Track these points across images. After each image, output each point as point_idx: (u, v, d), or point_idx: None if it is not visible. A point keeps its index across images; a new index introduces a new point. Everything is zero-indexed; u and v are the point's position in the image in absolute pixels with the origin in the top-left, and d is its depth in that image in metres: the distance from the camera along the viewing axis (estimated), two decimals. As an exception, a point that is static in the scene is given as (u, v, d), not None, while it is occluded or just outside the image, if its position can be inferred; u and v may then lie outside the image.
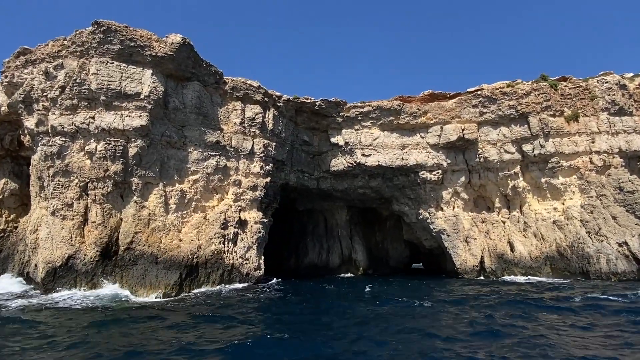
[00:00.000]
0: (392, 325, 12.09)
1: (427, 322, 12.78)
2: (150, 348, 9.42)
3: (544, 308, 14.65)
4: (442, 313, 14.32)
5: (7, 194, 22.15)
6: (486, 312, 13.89)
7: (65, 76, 18.48)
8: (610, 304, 15.05)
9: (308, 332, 11.23)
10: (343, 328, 11.73)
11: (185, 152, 21.38)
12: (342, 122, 30.05)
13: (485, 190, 31.92)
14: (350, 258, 36.30)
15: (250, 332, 11.12)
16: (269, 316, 14.01)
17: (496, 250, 29.27)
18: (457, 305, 15.74)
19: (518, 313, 13.69)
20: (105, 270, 18.28)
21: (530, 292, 19.25)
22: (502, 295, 18.02)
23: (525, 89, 29.86)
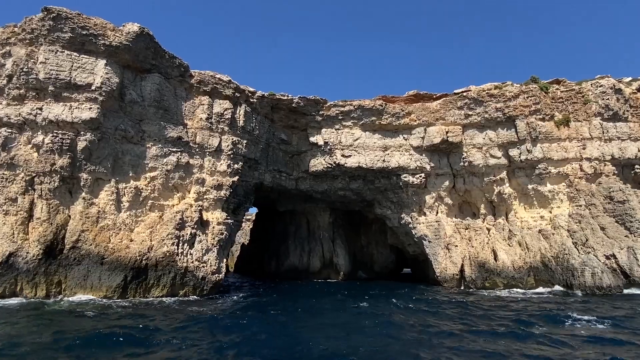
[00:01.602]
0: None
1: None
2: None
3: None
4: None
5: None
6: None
7: (13, 64, 17.43)
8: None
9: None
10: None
11: (143, 147, 20.21)
12: (322, 121, 28.73)
13: (470, 195, 30.43)
14: (331, 262, 34.93)
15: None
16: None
17: (478, 258, 27.73)
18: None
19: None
20: (49, 270, 17.19)
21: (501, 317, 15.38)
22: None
23: (514, 92, 28.31)
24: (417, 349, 10.18)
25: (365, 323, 13.65)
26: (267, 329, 12.28)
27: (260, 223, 41.40)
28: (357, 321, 14.10)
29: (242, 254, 45.36)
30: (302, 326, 13.05)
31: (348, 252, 35.62)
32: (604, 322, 13.54)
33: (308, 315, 15.28)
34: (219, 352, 9.50)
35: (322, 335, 11.46)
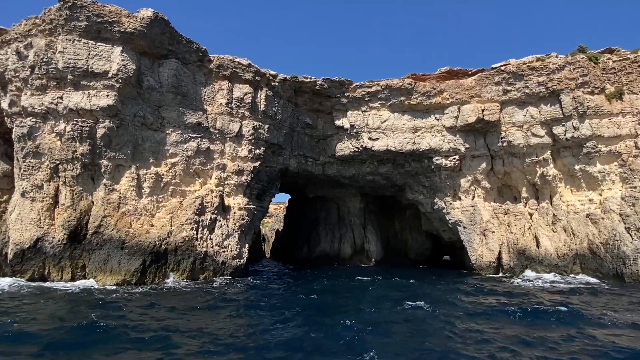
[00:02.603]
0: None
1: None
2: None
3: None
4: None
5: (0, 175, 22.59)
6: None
7: (34, 55, 17.95)
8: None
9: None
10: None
11: (163, 133, 20.35)
12: (348, 104, 27.78)
13: (510, 178, 28.45)
14: (362, 248, 34.23)
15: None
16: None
17: (517, 245, 25.99)
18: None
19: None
20: (74, 255, 17.84)
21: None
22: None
23: (558, 63, 25.88)
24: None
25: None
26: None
27: (292, 209, 41.33)
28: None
29: (276, 240, 45.70)
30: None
31: (380, 238, 34.72)
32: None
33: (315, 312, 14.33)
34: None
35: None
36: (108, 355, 8.21)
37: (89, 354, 8.19)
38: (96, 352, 8.30)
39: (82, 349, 8.46)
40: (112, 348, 8.56)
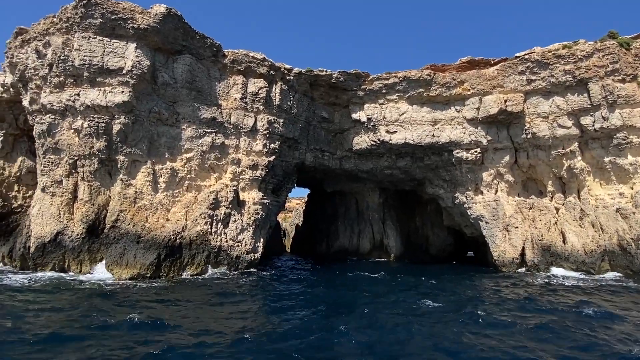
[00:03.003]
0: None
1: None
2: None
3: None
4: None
5: (24, 171, 23.38)
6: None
7: (52, 53, 18.42)
8: None
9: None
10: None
11: (178, 129, 20.55)
12: (365, 96, 27.37)
13: (535, 171, 27.42)
14: (381, 243, 33.85)
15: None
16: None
17: (542, 241, 25.08)
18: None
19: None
20: (93, 248, 18.29)
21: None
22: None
23: (587, 50, 24.67)
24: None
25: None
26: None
27: (312, 204, 41.23)
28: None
29: (296, 235, 45.79)
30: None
31: (400, 233, 34.22)
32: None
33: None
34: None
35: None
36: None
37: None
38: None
39: (80, 340, 8.61)
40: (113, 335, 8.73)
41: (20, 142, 23.56)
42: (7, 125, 23.10)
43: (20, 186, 23.42)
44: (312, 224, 39.66)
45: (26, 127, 22.49)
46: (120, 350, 8.00)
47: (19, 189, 23.36)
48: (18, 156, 23.42)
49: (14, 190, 23.30)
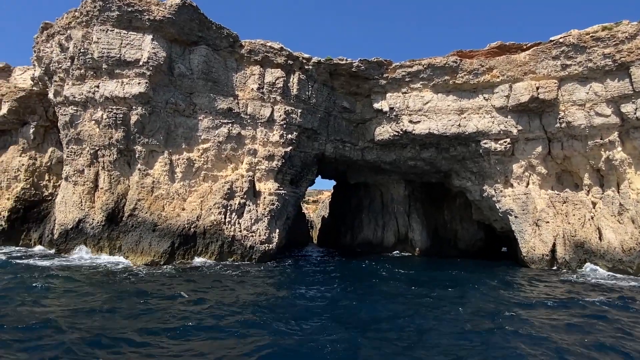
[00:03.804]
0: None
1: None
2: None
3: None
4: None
5: (54, 161, 24.56)
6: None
7: (73, 47, 19.13)
8: None
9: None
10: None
11: (195, 120, 20.87)
12: (387, 85, 26.70)
13: (571, 163, 25.87)
14: (406, 237, 33.17)
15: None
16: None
17: (575, 237, 23.72)
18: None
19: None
20: (112, 235, 19.01)
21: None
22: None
23: (629, 32, 22.85)
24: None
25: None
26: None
27: (337, 196, 41.04)
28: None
29: (322, 226, 45.81)
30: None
31: (426, 227, 33.39)
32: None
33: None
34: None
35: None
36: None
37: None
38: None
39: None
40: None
41: (51, 134, 24.77)
42: (38, 117, 24.31)
43: (50, 175, 24.67)
44: (337, 216, 39.52)
45: (55, 119, 23.53)
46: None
47: (49, 178, 24.61)
48: (48, 147, 24.64)
49: (45, 179, 24.57)
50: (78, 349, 7.23)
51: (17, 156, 24.23)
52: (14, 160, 24.06)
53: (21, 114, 23.94)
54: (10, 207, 23.13)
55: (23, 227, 23.60)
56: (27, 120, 24.32)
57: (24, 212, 23.57)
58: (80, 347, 7.34)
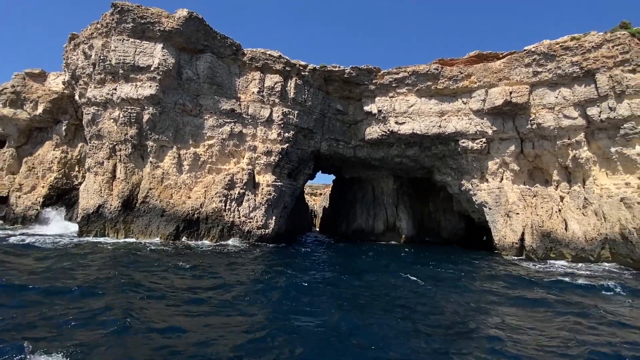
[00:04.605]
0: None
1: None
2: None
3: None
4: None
5: (83, 155, 24.60)
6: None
7: (95, 54, 19.05)
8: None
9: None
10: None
11: (201, 119, 20.64)
12: (376, 90, 26.12)
13: (541, 161, 25.00)
14: (394, 225, 32.61)
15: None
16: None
17: (542, 227, 22.90)
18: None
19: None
20: (127, 219, 18.94)
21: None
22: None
23: (595, 42, 21.90)
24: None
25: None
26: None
27: (335, 189, 40.57)
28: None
29: (322, 216, 45.49)
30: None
31: (411, 217, 32.78)
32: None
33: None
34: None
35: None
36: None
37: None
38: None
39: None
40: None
41: (80, 131, 24.82)
42: (69, 117, 24.41)
43: (80, 167, 24.76)
44: (335, 207, 39.11)
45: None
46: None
47: (79, 169, 24.71)
48: (78, 142, 24.73)
49: (75, 170, 24.69)
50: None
51: (51, 150, 24.38)
52: (49, 154, 24.20)
53: (55, 114, 24.06)
54: (44, 194, 23.31)
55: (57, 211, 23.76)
56: (60, 119, 24.44)
57: (56, 198, 23.73)
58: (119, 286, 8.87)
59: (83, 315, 6.82)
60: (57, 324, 6.39)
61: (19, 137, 25.32)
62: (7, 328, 6.08)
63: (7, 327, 6.14)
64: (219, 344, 5.97)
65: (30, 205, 23.24)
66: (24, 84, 24.56)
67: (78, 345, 5.54)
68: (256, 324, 7.00)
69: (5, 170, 25.08)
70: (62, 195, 23.83)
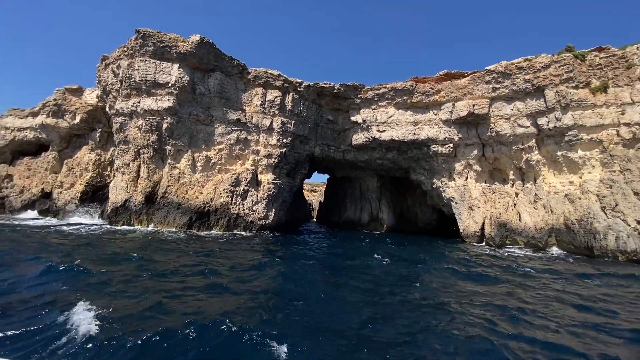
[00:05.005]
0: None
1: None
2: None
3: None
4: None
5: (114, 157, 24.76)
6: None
7: (122, 73, 19.19)
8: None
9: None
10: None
11: (212, 127, 20.77)
12: (361, 103, 26.25)
13: (500, 163, 25.14)
14: (377, 217, 32.76)
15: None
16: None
17: (499, 218, 23.04)
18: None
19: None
20: (149, 212, 19.10)
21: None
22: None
23: (544, 62, 22.02)
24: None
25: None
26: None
27: (329, 186, 40.75)
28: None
29: (319, 209, 45.64)
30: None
31: (392, 210, 32.92)
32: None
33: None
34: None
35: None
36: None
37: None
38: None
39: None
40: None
41: (111, 137, 24.84)
42: (102, 125, 24.52)
43: (111, 168, 24.86)
44: (328, 201, 39.27)
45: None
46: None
47: (110, 169, 24.83)
48: (110, 147, 24.83)
49: (107, 170, 24.80)
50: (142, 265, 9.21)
51: (87, 153, 24.50)
52: (85, 157, 24.32)
53: (90, 123, 24.18)
54: (82, 190, 23.44)
55: (91, 205, 23.91)
56: (95, 127, 24.55)
57: (92, 194, 23.87)
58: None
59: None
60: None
61: (60, 142, 25.46)
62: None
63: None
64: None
65: (70, 200, 23.39)
66: (64, 97, 24.71)
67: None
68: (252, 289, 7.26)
69: (49, 170, 25.22)
70: (96, 191, 23.97)
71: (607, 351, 5.04)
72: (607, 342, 5.31)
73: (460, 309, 6.85)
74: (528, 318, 6.39)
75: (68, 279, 7.27)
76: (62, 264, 8.20)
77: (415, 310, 6.69)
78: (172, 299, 6.34)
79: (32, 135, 26.08)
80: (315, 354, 4.68)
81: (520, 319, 6.34)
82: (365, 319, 5.99)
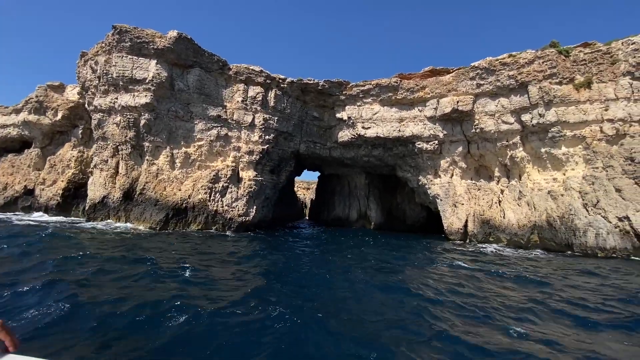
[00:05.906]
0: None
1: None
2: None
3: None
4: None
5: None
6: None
7: (100, 69, 18.82)
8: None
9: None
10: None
11: (192, 123, 20.40)
12: (346, 100, 25.87)
13: (485, 159, 24.79)
14: (365, 214, 32.46)
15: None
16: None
17: (483, 215, 22.75)
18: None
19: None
20: (127, 208, 18.78)
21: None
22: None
23: (528, 58, 21.65)
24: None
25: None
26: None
27: (320, 184, 40.38)
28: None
29: (310, 206, 45.33)
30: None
31: (380, 207, 32.60)
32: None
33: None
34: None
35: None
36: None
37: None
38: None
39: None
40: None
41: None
42: (85, 122, 24.15)
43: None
44: (318, 198, 38.96)
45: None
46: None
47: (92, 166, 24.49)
48: (93, 143, 24.27)
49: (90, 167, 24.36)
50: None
51: (69, 150, 24.15)
52: (67, 153, 23.98)
53: (72, 120, 23.81)
54: (63, 187, 23.10)
55: (73, 202, 23.59)
56: (77, 124, 24.19)
57: (74, 191, 23.53)
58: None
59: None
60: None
61: (42, 139, 25.10)
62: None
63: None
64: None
65: (52, 197, 23.06)
66: (46, 94, 24.33)
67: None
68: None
69: (32, 167, 24.88)
70: (78, 188, 23.63)
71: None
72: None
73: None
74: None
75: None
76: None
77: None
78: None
79: (15, 132, 25.74)
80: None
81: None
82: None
